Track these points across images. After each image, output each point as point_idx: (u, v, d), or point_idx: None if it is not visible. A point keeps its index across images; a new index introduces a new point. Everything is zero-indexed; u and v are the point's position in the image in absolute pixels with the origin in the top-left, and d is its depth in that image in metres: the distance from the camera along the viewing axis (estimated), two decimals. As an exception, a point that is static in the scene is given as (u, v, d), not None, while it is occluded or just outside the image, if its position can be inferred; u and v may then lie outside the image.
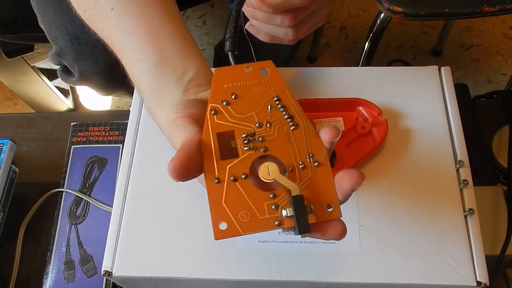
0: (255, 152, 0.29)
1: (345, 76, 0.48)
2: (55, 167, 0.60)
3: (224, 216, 0.28)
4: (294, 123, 0.30)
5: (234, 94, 0.31)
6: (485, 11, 0.72)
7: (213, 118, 0.30)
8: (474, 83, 1.31)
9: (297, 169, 0.29)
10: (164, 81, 0.36)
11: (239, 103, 0.31)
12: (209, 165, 0.29)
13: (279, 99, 0.31)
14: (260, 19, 0.43)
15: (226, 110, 0.30)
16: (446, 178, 0.42)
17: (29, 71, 1.13)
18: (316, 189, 0.29)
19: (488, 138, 0.59)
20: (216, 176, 0.29)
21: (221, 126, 0.30)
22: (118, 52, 0.38)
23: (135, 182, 0.43)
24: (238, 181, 0.29)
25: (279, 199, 0.28)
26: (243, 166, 0.29)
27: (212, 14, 1.47)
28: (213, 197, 0.28)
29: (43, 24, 0.71)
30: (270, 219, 0.28)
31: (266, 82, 0.31)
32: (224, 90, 0.31)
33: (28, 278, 0.55)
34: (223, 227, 0.28)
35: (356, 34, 1.41)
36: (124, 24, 0.37)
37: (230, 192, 0.28)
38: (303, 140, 0.30)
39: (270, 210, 0.28)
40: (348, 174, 0.28)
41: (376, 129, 0.44)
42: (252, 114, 0.30)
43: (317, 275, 0.38)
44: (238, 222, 0.28)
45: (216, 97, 0.31)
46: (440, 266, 0.38)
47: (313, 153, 0.29)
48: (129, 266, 0.39)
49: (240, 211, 0.28)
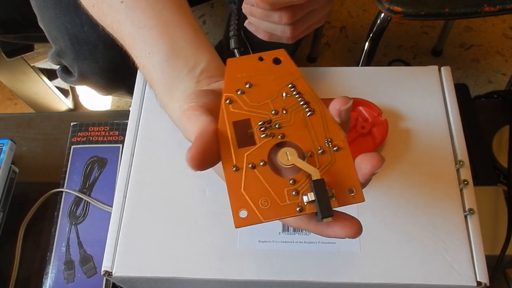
0: (273, 139, 0.29)
1: (345, 76, 0.48)
2: (55, 167, 0.60)
3: (244, 204, 0.27)
4: (311, 109, 0.30)
5: (248, 83, 0.30)
6: (485, 11, 0.72)
7: (228, 108, 0.30)
8: (474, 83, 1.31)
9: (316, 155, 0.29)
10: (176, 73, 0.36)
11: (253, 92, 0.30)
12: (227, 154, 0.28)
13: (294, 86, 0.30)
14: (258, 16, 0.43)
15: (241, 99, 0.30)
16: (446, 178, 0.42)
17: (29, 71, 1.13)
18: (336, 174, 0.28)
19: (488, 138, 0.59)
20: (234, 164, 0.28)
21: (236, 115, 0.30)
22: (128, 46, 0.38)
23: (135, 182, 0.43)
24: (256, 168, 0.28)
25: (299, 184, 0.28)
26: (261, 153, 0.29)
27: (212, 14, 1.47)
28: (232, 185, 0.28)
29: (42, 24, 0.71)
30: (291, 205, 0.27)
31: (280, 70, 0.31)
32: (238, 79, 0.31)
33: (28, 278, 0.55)
34: (243, 215, 0.27)
35: (356, 34, 1.41)
36: (134, 17, 0.37)
37: (249, 180, 0.28)
38: (320, 125, 0.29)
39: (291, 196, 0.28)
40: (367, 157, 0.27)
41: (376, 129, 0.44)
42: (267, 102, 0.30)
43: (317, 275, 0.38)
44: (258, 210, 0.27)
45: (231, 87, 0.30)
46: (440, 266, 0.38)
47: (331, 138, 0.29)
48: (129, 266, 0.39)
49: (260, 198, 0.27)
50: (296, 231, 0.40)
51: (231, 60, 0.31)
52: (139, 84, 0.48)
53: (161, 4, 0.37)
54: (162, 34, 0.36)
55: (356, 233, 0.28)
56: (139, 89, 0.48)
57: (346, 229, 0.28)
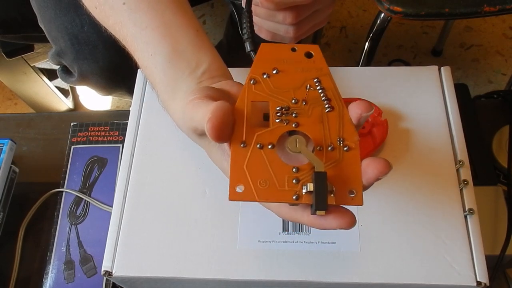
0: (286, 125, 0.29)
1: (345, 76, 0.48)
2: (55, 167, 0.60)
3: (242, 179, 0.28)
4: (330, 106, 0.30)
5: (275, 69, 0.31)
6: (485, 11, 0.72)
7: (251, 87, 0.30)
8: (474, 83, 1.31)
9: (325, 149, 0.29)
10: (178, 74, 0.36)
11: (279, 78, 0.31)
12: (238, 129, 0.29)
13: (319, 81, 0.31)
14: (262, 16, 0.43)
15: (265, 82, 0.31)
16: (446, 178, 0.42)
17: (29, 71, 1.13)
18: (341, 172, 0.28)
19: (488, 138, 0.59)
20: (243, 140, 0.28)
21: (257, 95, 0.30)
22: (130, 47, 0.38)
23: (135, 182, 0.43)
24: (263, 149, 0.28)
25: (302, 174, 0.28)
26: (271, 136, 0.29)
27: (212, 14, 1.47)
28: (236, 159, 0.28)
29: (42, 23, 0.71)
30: (289, 192, 0.28)
31: (309, 64, 0.31)
32: (267, 63, 0.31)
33: (28, 278, 0.55)
34: (239, 190, 0.27)
35: (356, 34, 1.41)
36: (136, 18, 0.37)
37: (254, 158, 0.28)
38: (336, 123, 0.29)
39: (291, 184, 0.28)
40: (375, 162, 0.27)
41: (376, 129, 0.44)
42: (289, 90, 0.30)
43: (317, 275, 0.38)
44: (255, 188, 0.27)
45: (258, 69, 0.31)
46: (440, 266, 0.38)
47: (344, 137, 0.29)
48: (129, 266, 0.39)
49: (260, 178, 0.28)
50: (296, 231, 0.40)
51: (265, 45, 0.32)
52: (139, 84, 0.48)
53: (163, 5, 0.37)
54: (164, 35, 0.37)
55: (349, 224, 0.28)
56: (139, 89, 0.48)
57: (339, 219, 0.28)
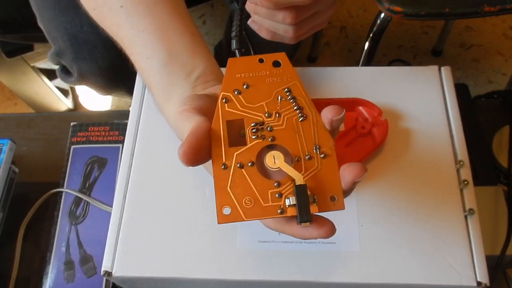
0: (263, 141, 0.30)
1: (345, 76, 0.48)
2: (55, 167, 0.60)
3: (228, 201, 0.28)
4: (303, 115, 0.30)
5: (246, 83, 0.31)
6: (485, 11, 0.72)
7: (224, 106, 0.31)
8: (474, 83, 1.31)
9: (303, 160, 0.29)
10: (174, 78, 0.36)
11: (250, 93, 0.31)
12: (217, 151, 0.29)
13: (290, 90, 0.31)
14: (262, 15, 0.43)
15: (237, 99, 0.31)
16: (446, 178, 0.42)
17: (29, 71, 1.13)
18: (321, 180, 0.29)
19: (488, 138, 0.59)
20: (223, 162, 0.29)
21: (231, 114, 0.30)
22: (127, 49, 0.39)
23: (135, 182, 0.43)
24: (244, 168, 0.29)
25: (284, 187, 0.29)
26: (250, 154, 0.29)
27: (212, 14, 1.47)
28: (219, 182, 0.29)
29: (42, 24, 0.71)
30: (274, 207, 0.28)
31: (278, 74, 0.31)
32: (237, 79, 0.31)
33: (28, 278, 0.55)
34: (226, 212, 0.28)
35: (356, 34, 1.41)
36: (133, 21, 0.38)
37: (236, 179, 0.29)
38: (310, 131, 0.30)
39: (274, 198, 0.28)
40: (351, 167, 0.28)
41: (376, 129, 0.44)
42: (262, 104, 0.31)
43: (317, 275, 0.38)
44: (241, 208, 0.28)
45: (228, 86, 0.31)
46: (440, 266, 0.38)
47: (320, 145, 0.30)
48: (129, 266, 0.39)
49: (244, 197, 0.28)
50: (296, 231, 0.40)
51: (232, 60, 0.32)
52: (139, 84, 0.48)
53: (160, 9, 0.38)
54: (160, 39, 0.37)
55: (329, 233, 0.29)
56: (139, 89, 0.48)
57: (319, 229, 0.29)
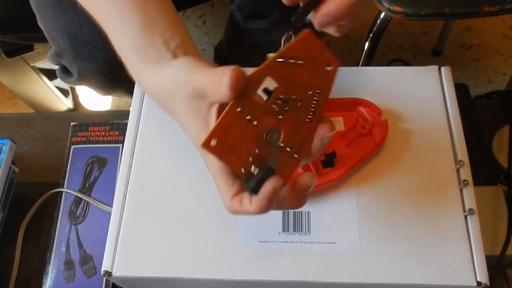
0: (276, 112, 0.32)
1: (345, 76, 0.48)
2: (55, 167, 0.60)
3: (220, 136, 0.31)
4: (311, 119, 0.33)
5: (302, 60, 0.32)
6: (485, 11, 0.72)
7: (275, 62, 0.31)
8: (474, 83, 1.31)
9: (284, 148, 0.33)
10: (152, 41, 0.37)
11: (298, 70, 0.32)
12: (244, 95, 0.31)
13: (319, 94, 0.33)
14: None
15: (288, 65, 0.32)
16: (446, 178, 0.42)
17: (29, 71, 1.13)
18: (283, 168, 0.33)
19: (488, 138, 0.59)
20: (242, 105, 0.31)
21: (276, 74, 0.32)
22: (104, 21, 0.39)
23: (135, 182, 0.43)
24: (249, 123, 0.31)
25: (260, 158, 0.32)
26: (261, 115, 0.32)
27: (212, 14, 1.47)
28: (226, 117, 0.31)
29: (42, 24, 0.71)
30: (241, 163, 0.31)
31: (325, 74, 0.33)
32: (300, 52, 0.32)
33: (28, 278, 0.55)
34: (213, 143, 0.31)
35: (356, 34, 1.41)
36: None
37: (239, 125, 0.31)
38: (304, 133, 0.33)
39: (247, 161, 0.32)
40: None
41: (376, 129, 0.44)
42: (298, 85, 0.32)
43: (317, 275, 0.38)
44: (223, 148, 0.31)
45: (292, 51, 0.32)
46: (440, 266, 0.38)
47: (300, 148, 0.33)
48: (129, 266, 0.39)
49: (231, 142, 0.31)
50: (296, 231, 0.40)
51: (310, 34, 0.32)
52: (139, 84, 0.48)
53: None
54: (138, 7, 0.38)
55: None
56: (139, 89, 0.48)
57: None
